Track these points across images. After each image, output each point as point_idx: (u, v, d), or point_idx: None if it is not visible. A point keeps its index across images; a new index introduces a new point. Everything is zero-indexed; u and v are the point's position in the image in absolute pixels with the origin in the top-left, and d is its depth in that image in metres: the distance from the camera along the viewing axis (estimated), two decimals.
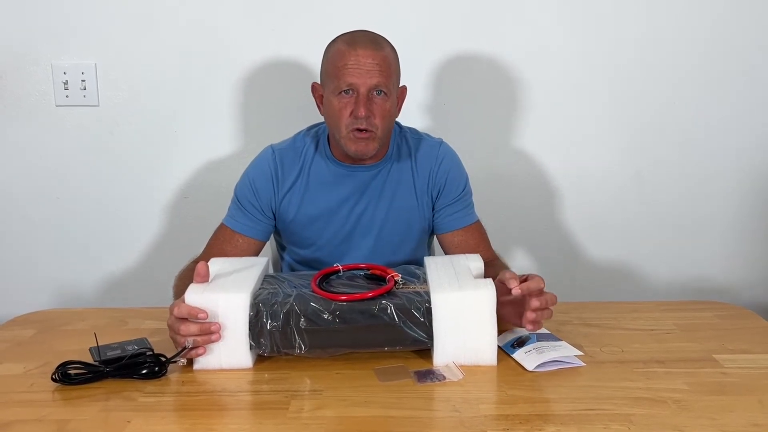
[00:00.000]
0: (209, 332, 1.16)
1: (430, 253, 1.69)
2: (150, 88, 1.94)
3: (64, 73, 1.91)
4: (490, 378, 1.15)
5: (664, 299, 1.71)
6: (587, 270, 2.06)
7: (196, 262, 1.38)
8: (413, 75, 1.81)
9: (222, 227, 1.55)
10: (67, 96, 1.92)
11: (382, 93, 1.40)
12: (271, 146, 1.56)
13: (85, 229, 2.01)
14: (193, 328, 1.16)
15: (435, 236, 1.62)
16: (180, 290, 1.37)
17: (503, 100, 1.97)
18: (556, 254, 2.05)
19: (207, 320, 1.16)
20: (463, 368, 1.17)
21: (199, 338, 1.16)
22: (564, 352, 1.20)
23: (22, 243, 2.02)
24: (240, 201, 1.54)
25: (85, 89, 1.92)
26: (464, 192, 1.56)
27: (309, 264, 1.58)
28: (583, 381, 1.14)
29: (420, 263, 1.44)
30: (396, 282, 1.24)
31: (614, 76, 1.95)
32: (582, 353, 1.21)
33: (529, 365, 1.17)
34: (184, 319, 1.17)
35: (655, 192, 2.03)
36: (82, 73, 1.91)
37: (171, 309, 1.19)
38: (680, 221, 2.04)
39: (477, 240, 1.53)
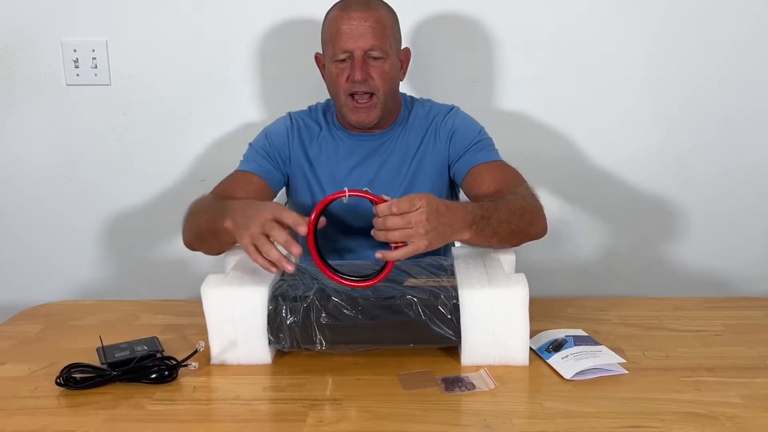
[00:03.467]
0: (291, 247, 1.08)
1: None
2: (163, 65, 1.86)
3: (74, 50, 1.83)
4: (524, 387, 1.07)
5: (706, 294, 1.60)
6: (622, 261, 1.96)
7: (197, 199, 1.37)
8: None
9: (234, 173, 1.48)
10: (77, 75, 1.85)
11: (379, 56, 1.37)
12: (289, 113, 1.55)
13: (98, 212, 1.96)
14: (283, 236, 1.08)
15: (463, 192, 1.50)
16: (199, 225, 1.31)
17: (533, 78, 1.86)
18: (589, 243, 1.95)
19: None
20: (493, 369, 1.10)
21: (275, 255, 1.08)
22: (605, 359, 1.11)
23: (33, 227, 1.97)
24: (255, 148, 1.50)
25: (96, 67, 1.85)
26: (478, 140, 1.46)
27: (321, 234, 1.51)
28: (626, 392, 1.05)
29: None
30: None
31: (653, 50, 1.83)
32: (623, 360, 1.12)
33: (567, 373, 1.08)
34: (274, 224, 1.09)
35: (697, 178, 1.91)
36: (93, 50, 1.84)
37: (263, 215, 1.09)
38: (725, 210, 1.92)
39: (494, 175, 1.39)
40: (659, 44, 1.83)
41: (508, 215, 1.20)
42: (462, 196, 1.51)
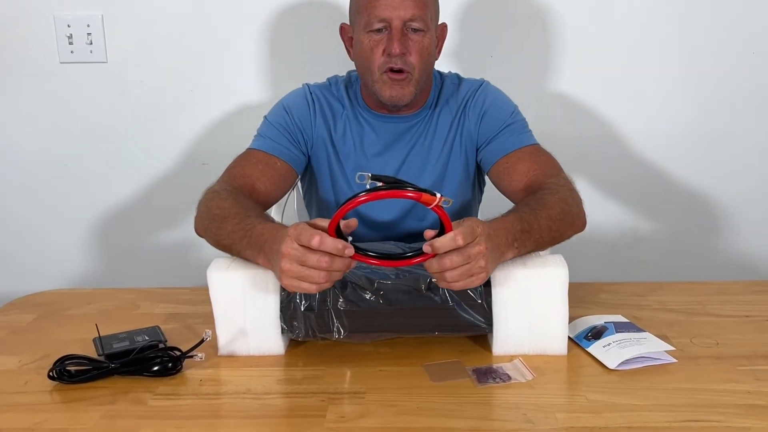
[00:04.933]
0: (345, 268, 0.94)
1: (476, 213, 1.49)
2: (163, 41, 1.78)
3: (68, 26, 1.75)
4: (564, 378, 0.98)
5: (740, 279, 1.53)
6: (649, 245, 1.87)
7: (215, 192, 1.17)
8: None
9: (250, 152, 1.30)
10: (71, 52, 1.77)
11: (419, 29, 1.24)
12: (307, 84, 1.40)
13: (95, 198, 1.88)
14: (339, 263, 0.92)
15: (490, 180, 1.38)
16: (219, 236, 1.11)
17: (557, 52, 1.77)
18: (614, 226, 1.86)
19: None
20: (528, 359, 1.01)
21: (321, 279, 0.93)
22: (651, 346, 1.01)
23: (25, 214, 1.89)
24: (273, 124, 1.34)
25: (91, 44, 1.77)
26: (510, 122, 1.33)
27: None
28: (678, 382, 0.95)
29: None
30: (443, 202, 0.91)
31: (685, 22, 1.74)
32: (671, 347, 1.02)
33: (611, 362, 0.98)
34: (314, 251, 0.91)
35: (730, 161, 1.82)
36: (88, 25, 1.75)
37: (297, 236, 0.91)
38: (756, 199, 1.84)
39: (528, 164, 1.26)
40: (691, 18, 1.74)
41: (548, 222, 1.07)
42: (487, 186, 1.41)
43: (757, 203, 1.84)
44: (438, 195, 0.88)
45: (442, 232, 0.93)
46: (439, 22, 1.33)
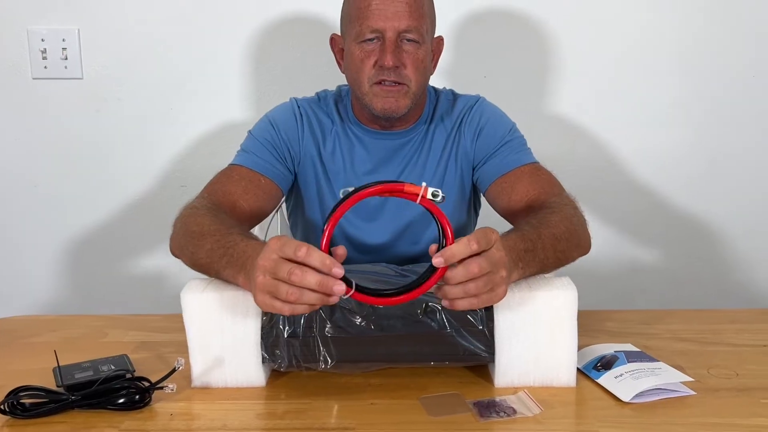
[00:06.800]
0: (328, 293, 0.82)
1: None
2: (141, 57, 1.73)
3: (42, 40, 1.71)
4: (574, 412, 0.89)
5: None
6: (649, 272, 1.81)
7: (194, 209, 1.10)
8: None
9: (233, 168, 1.23)
10: (45, 67, 1.73)
11: (414, 40, 1.18)
12: (294, 98, 1.33)
13: (66, 221, 1.81)
14: (311, 278, 0.81)
15: (487, 202, 1.33)
16: (196, 256, 1.02)
17: (553, 73, 1.73)
18: (612, 253, 1.80)
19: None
20: (534, 391, 0.93)
21: (311, 302, 0.83)
22: (667, 377, 0.93)
23: None
24: (258, 139, 1.26)
25: (66, 59, 1.72)
26: (508, 140, 1.27)
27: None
28: (699, 416, 0.87)
29: None
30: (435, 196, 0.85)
31: (684, 43, 1.71)
32: (689, 378, 0.94)
33: (625, 395, 0.90)
34: (299, 264, 0.82)
35: (731, 186, 1.77)
36: (63, 40, 1.71)
37: (280, 247, 0.83)
38: (758, 223, 1.79)
39: (528, 183, 1.20)
40: (691, 36, 1.72)
41: (552, 242, 1.00)
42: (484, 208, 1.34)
43: (760, 227, 1.80)
44: (424, 185, 0.83)
45: (442, 245, 0.85)
46: (435, 35, 1.27)
